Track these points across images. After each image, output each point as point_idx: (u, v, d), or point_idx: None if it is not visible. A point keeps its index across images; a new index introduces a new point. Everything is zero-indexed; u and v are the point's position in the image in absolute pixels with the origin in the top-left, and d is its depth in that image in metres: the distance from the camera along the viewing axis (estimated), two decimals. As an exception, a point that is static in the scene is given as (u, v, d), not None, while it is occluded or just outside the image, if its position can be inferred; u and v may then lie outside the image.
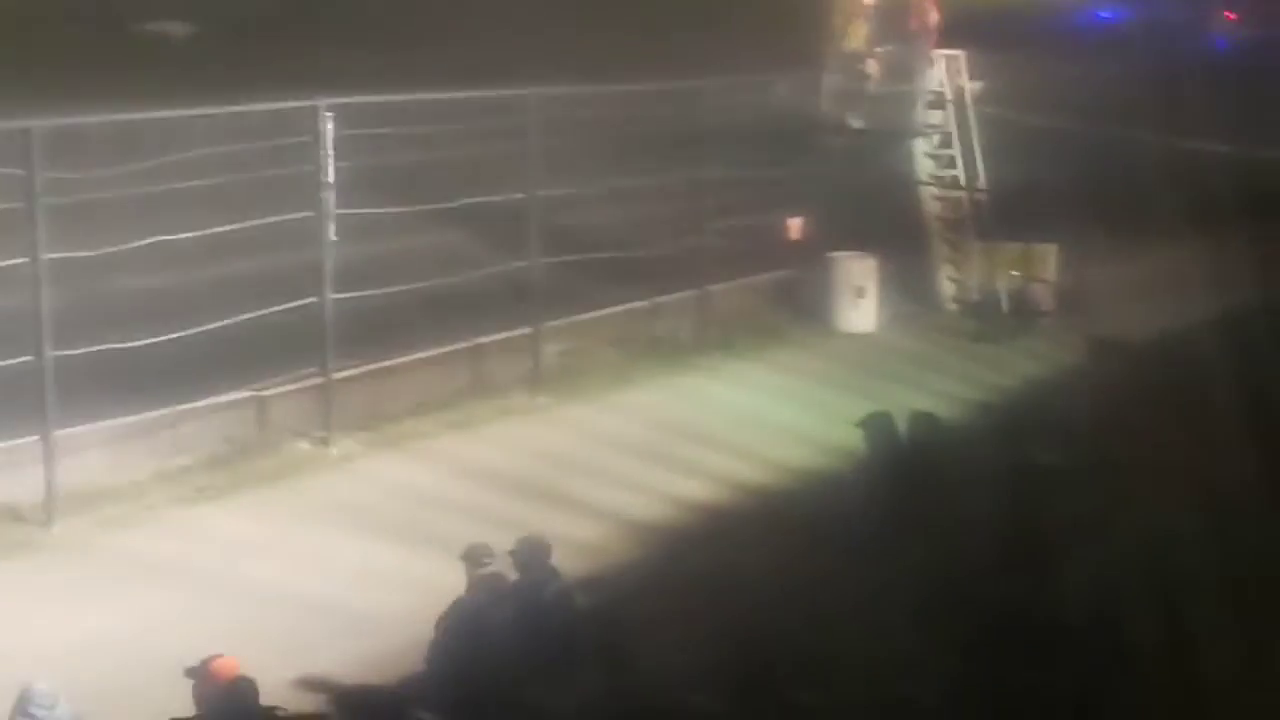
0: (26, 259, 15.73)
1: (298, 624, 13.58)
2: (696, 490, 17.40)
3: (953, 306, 26.32)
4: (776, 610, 13.46)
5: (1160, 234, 25.95)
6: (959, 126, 26.52)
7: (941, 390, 20.60)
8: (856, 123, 26.48)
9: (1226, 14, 53.49)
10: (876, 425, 15.58)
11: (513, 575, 12.27)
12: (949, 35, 26.80)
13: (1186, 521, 14.10)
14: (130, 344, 16.71)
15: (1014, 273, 26.12)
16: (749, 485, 17.63)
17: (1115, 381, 20.24)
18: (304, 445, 18.21)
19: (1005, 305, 25.79)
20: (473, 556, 12.27)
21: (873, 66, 26.67)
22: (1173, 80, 30.70)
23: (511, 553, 12.32)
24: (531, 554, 12.38)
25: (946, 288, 26.42)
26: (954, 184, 26.61)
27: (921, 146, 26.59)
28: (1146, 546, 13.85)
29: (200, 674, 10.41)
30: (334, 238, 18.50)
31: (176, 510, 16.34)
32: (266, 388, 18.29)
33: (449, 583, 12.28)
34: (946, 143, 26.61)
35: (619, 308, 22.88)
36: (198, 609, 13.80)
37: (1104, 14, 53.78)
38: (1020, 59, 30.90)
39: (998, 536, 14.40)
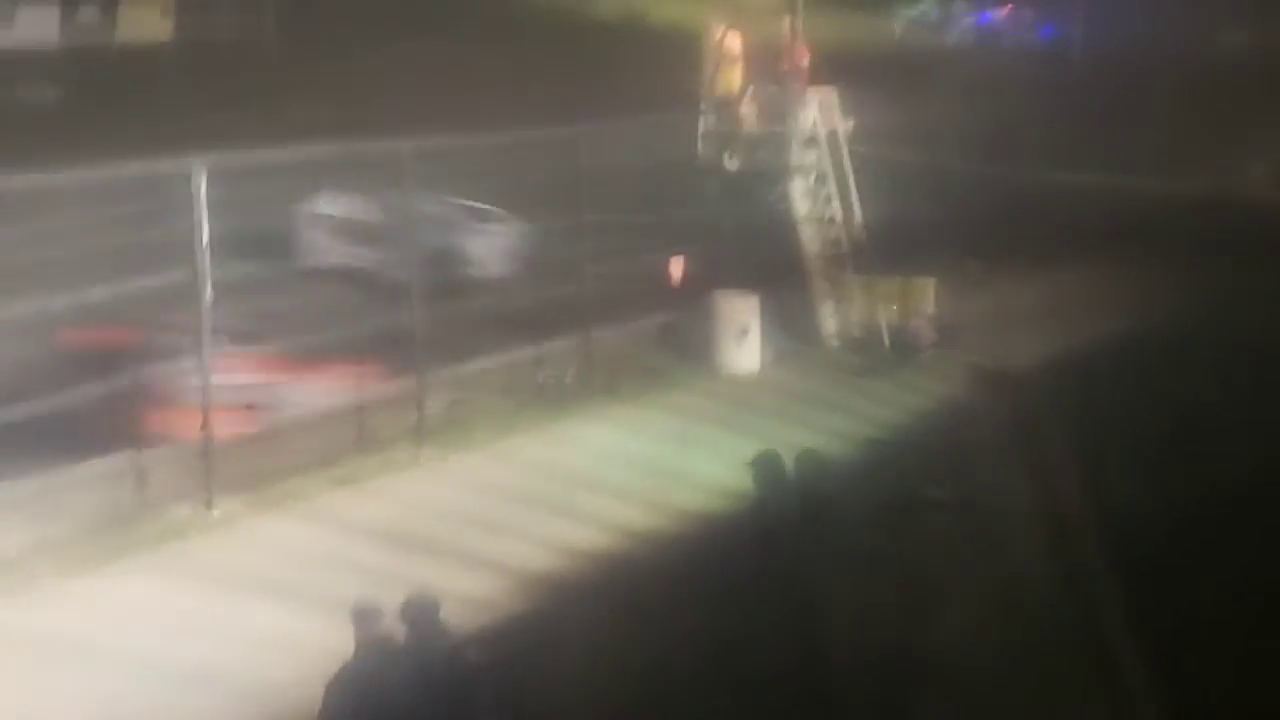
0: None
1: (184, 692, 13.37)
2: (587, 538, 17.30)
3: (835, 343, 26.43)
4: (672, 657, 13.41)
5: (1035, 263, 26.26)
6: (834, 165, 26.72)
7: (828, 427, 20.65)
8: (732, 164, 26.59)
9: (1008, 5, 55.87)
10: (765, 465, 15.56)
11: (403, 634, 12.11)
12: (821, 74, 27.05)
13: (1069, 554, 14.23)
14: (3, 412, 16.44)
15: (894, 307, 26.32)
16: (640, 531, 17.56)
17: (998, 412, 20.43)
18: (185, 509, 17.93)
19: (886, 339, 25.97)
20: (361, 616, 12.10)
21: (746, 108, 26.84)
22: (1034, 110, 31.21)
23: (401, 611, 12.16)
24: (421, 611, 12.21)
25: (828, 324, 26.54)
26: (831, 221, 26.78)
27: (798, 185, 26.71)
28: (1029, 580, 13.96)
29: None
30: (210, 297, 18.24)
31: (56, 581, 15.99)
32: (146, 452, 18.02)
33: (339, 644, 12.11)
34: (822, 181, 26.78)
35: (503, 356, 22.78)
36: (81, 681, 13.54)
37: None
38: (890, 96, 31.23)
39: (888, 571, 14.44)
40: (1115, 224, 27.05)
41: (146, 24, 45.07)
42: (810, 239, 26.73)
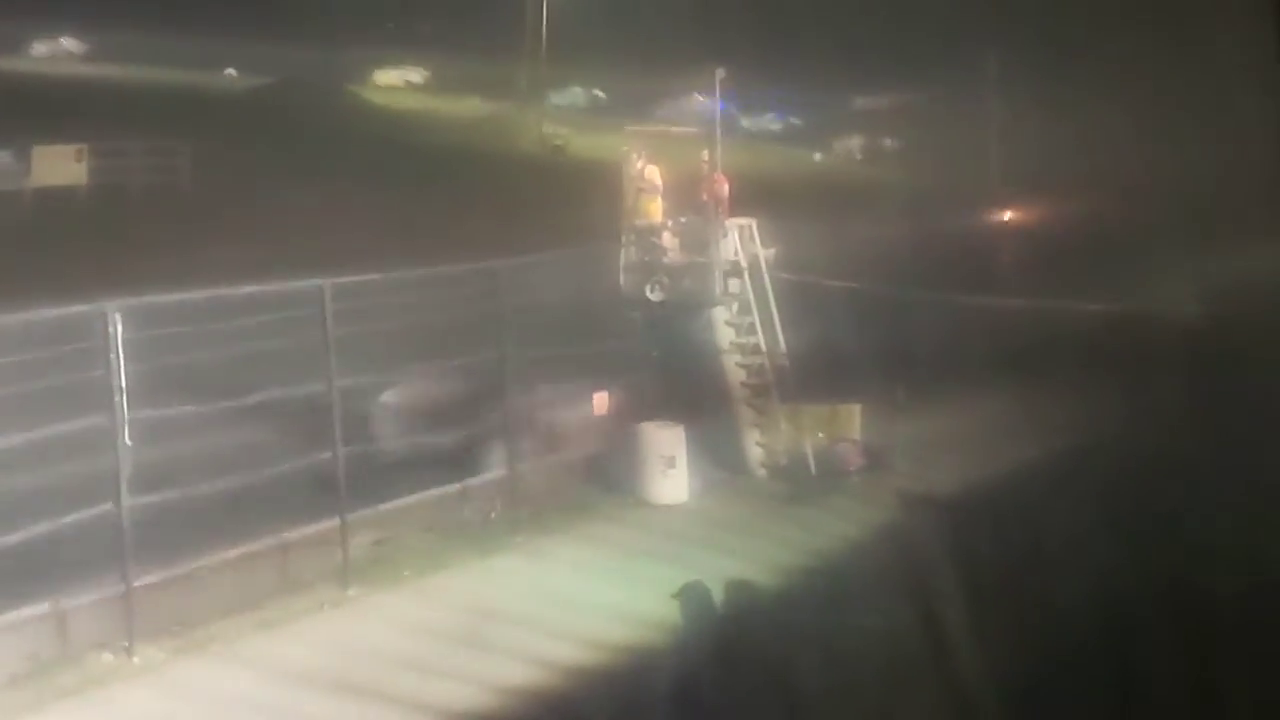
0: None
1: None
2: (515, 675, 17.06)
3: (762, 471, 26.32)
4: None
5: (960, 386, 26.35)
6: (756, 293, 26.74)
7: (756, 556, 20.50)
8: (655, 295, 26.60)
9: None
10: (692, 596, 15.44)
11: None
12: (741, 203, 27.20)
13: (1002, 671, 14.15)
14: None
15: (820, 434, 26.29)
16: (568, 666, 17.32)
17: (926, 536, 20.35)
18: (107, 657, 17.56)
19: (813, 466, 25.89)
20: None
21: (668, 239, 26.92)
22: (952, 235, 31.53)
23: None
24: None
25: (755, 453, 26.45)
26: (755, 350, 26.77)
27: (721, 315, 26.75)
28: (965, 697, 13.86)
29: None
30: (129, 442, 18.00)
31: (-24, 733, 15.66)
32: (66, 600, 17.67)
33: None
34: (745, 310, 26.80)
35: (427, 493, 22.55)
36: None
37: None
38: (812, 223, 31.44)
39: (821, 700, 14.30)
40: (1039, 345, 27.22)
41: (60, 168, 44.95)
42: (735, 368, 26.72)
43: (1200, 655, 14.88)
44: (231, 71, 68.74)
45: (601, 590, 19.74)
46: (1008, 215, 39.02)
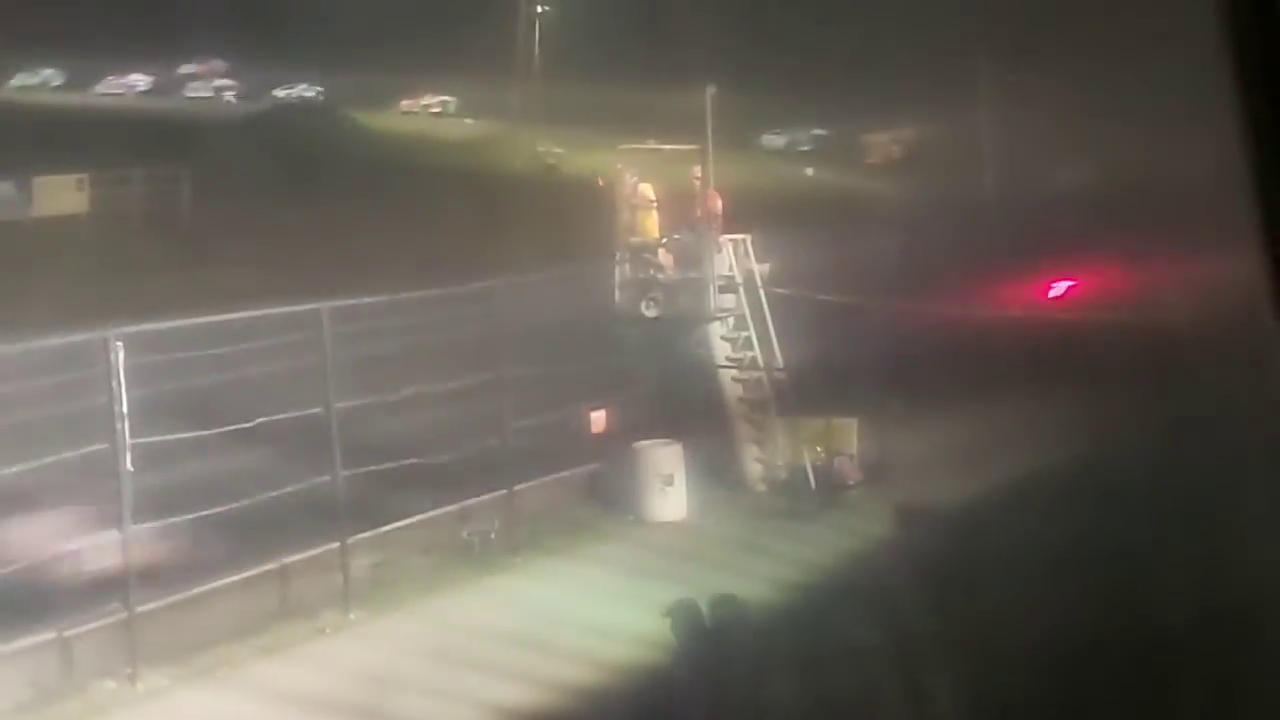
0: None
1: None
2: (515, 696, 17.16)
3: (761, 487, 26.38)
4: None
5: (958, 400, 26.39)
6: (751, 308, 26.85)
7: (755, 572, 20.56)
8: (651, 312, 26.70)
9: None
10: (682, 613, 15.49)
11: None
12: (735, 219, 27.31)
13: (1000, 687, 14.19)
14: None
15: (818, 448, 26.33)
16: (566, 686, 17.42)
17: (924, 551, 20.40)
18: (110, 684, 17.68)
19: (812, 481, 25.94)
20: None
21: (663, 255, 27.03)
22: (946, 248, 31.55)
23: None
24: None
25: (753, 468, 26.53)
26: (752, 365, 26.87)
27: (717, 330, 26.86)
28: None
29: None
30: (130, 468, 18.13)
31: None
32: (69, 627, 17.79)
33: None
34: (741, 325, 26.91)
35: (426, 514, 22.65)
36: None
37: None
38: (805, 237, 31.53)
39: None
40: (1036, 357, 27.22)
41: (62, 198, 45.09)
42: (731, 383, 26.83)
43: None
44: (230, 98, 68.96)
45: (601, 609, 19.80)
46: (1002, 228, 38.99)
